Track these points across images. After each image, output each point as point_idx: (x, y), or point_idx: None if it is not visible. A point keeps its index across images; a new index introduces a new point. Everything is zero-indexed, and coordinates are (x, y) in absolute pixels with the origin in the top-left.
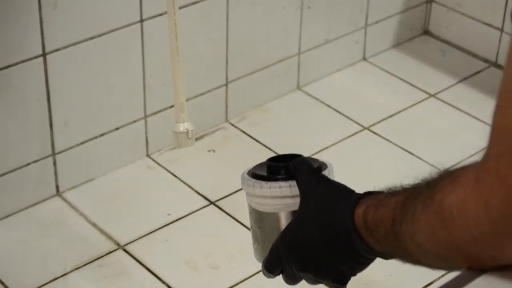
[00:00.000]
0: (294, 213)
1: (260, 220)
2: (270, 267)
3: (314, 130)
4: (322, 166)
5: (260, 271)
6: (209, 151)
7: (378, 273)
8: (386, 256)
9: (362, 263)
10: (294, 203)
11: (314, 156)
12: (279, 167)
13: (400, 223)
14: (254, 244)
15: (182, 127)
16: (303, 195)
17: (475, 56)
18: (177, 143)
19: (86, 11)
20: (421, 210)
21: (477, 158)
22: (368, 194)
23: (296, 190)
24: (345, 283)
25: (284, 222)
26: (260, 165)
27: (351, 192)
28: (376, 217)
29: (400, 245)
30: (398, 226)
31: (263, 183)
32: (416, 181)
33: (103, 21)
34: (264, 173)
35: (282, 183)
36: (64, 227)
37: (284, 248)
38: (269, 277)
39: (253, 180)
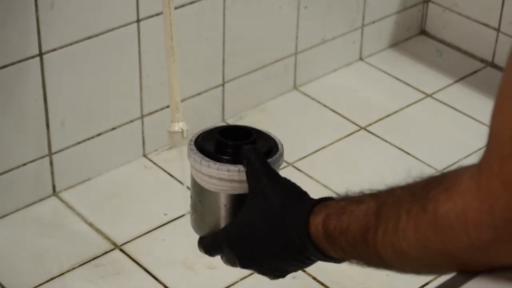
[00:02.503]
0: (238, 196)
1: (202, 195)
2: (210, 252)
3: (310, 130)
4: (272, 148)
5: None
6: None
7: (375, 273)
8: (342, 261)
9: (308, 264)
10: (240, 187)
11: (312, 157)
12: (228, 146)
13: (375, 232)
14: (192, 214)
15: (177, 126)
16: (251, 191)
17: (472, 56)
18: (172, 142)
19: (82, 11)
20: (407, 219)
21: (474, 158)
22: (324, 200)
23: (244, 176)
24: (285, 276)
25: (226, 203)
26: (209, 134)
27: (303, 195)
28: (341, 225)
29: (372, 252)
30: (373, 234)
31: (211, 163)
32: (385, 187)
33: (100, 21)
34: (212, 146)
35: (230, 167)
36: (60, 227)
37: (228, 244)
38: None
39: (201, 156)
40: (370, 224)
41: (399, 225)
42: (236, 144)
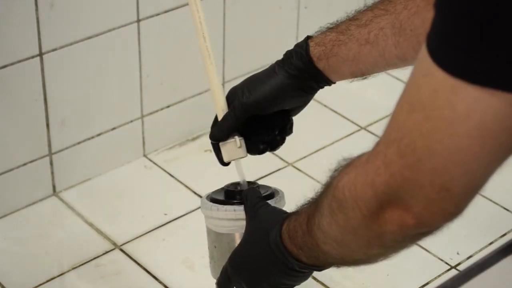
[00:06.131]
0: None
1: (216, 240)
2: (222, 286)
3: (310, 130)
4: (274, 193)
5: None
6: (206, 151)
7: (375, 273)
8: (317, 267)
9: (300, 276)
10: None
11: (312, 157)
12: (235, 192)
13: (313, 216)
14: (210, 262)
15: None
16: (247, 221)
17: None
18: (228, 155)
19: (82, 11)
20: (324, 196)
21: None
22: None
23: None
24: None
25: (237, 242)
26: (218, 191)
27: (285, 213)
28: (296, 223)
29: (313, 242)
30: (311, 220)
31: (220, 207)
32: None
33: (100, 21)
34: (221, 198)
35: (236, 207)
36: (60, 227)
37: (232, 269)
38: None
39: (211, 203)
40: (310, 213)
41: (319, 203)
42: (241, 190)
